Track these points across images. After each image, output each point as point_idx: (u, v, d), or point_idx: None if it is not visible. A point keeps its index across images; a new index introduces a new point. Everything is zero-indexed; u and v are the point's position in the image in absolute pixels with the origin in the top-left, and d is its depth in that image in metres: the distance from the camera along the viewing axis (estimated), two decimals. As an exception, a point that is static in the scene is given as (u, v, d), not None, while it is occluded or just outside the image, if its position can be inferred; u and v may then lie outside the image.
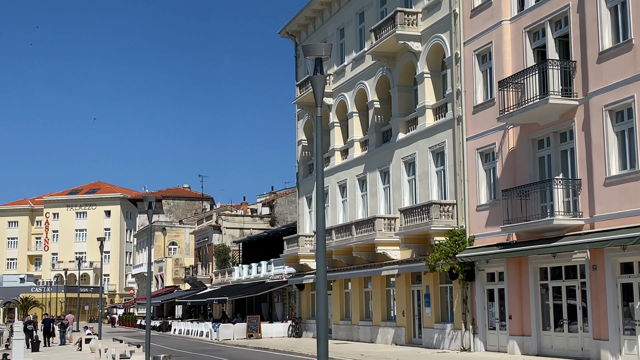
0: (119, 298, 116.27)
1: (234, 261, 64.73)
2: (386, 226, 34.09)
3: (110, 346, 27.10)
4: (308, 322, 44.74)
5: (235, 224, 68.03)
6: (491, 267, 28.28)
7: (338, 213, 41.29)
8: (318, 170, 11.34)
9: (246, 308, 56.58)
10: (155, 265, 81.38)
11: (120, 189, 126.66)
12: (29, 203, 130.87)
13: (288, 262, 45.92)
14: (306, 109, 44.86)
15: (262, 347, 36.76)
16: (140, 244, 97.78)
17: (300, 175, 46.73)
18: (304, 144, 46.38)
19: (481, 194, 28.96)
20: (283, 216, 67.76)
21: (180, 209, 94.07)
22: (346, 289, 40.51)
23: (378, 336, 35.89)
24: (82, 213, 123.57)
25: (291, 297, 49.09)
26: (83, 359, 30.28)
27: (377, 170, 37.08)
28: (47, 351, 36.35)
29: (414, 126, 34.33)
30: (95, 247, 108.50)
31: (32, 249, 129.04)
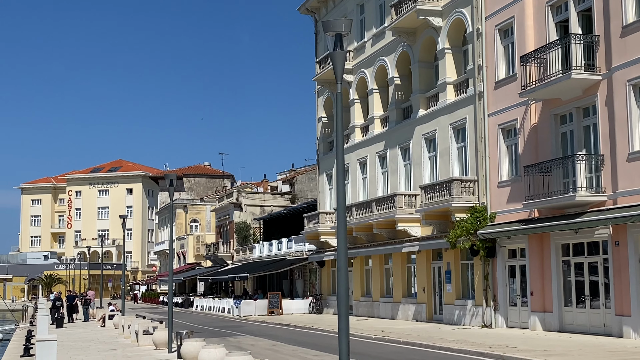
0: (142, 275, 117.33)
1: (255, 238, 65.00)
2: (407, 203, 34.03)
3: (133, 322, 27.36)
4: (329, 298, 44.91)
5: (256, 202, 68.22)
6: (513, 243, 28.17)
7: (358, 190, 41.26)
8: (338, 147, 11.29)
9: (267, 285, 56.87)
10: (177, 243, 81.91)
11: (141, 166, 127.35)
12: (52, 181, 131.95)
13: (308, 239, 46.04)
14: (326, 86, 44.71)
15: (283, 323, 36.98)
16: (161, 222, 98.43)
17: (321, 152, 46.66)
18: (324, 121, 46.27)
19: (503, 170, 28.78)
20: (303, 193, 67.83)
21: (201, 187, 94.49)
22: (367, 266, 40.57)
23: (399, 313, 35.96)
24: (104, 191, 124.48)
25: (312, 273, 49.27)
26: (106, 334, 30.63)
27: (397, 147, 36.93)
28: (71, 327, 36.81)
29: (434, 102, 34.11)
30: (117, 224, 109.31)
31: (56, 226, 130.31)
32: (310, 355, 21.72)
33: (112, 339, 28.27)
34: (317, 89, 46.92)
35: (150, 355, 21.22)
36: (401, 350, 22.24)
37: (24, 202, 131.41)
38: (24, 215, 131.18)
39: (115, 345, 25.00)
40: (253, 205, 67.81)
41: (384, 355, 20.71)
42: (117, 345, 25.25)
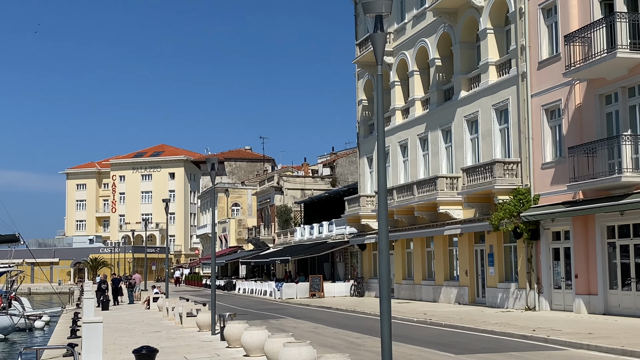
0: (185, 258, 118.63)
1: (296, 222, 65.22)
2: (448, 185, 33.80)
3: (177, 305, 27.68)
4: (370, 281, 44.92)
5: (297, 185, 68.38)
6: (557, 225, 27.82)
7: (399, 173, 41.09)
8: (379, 130, 11.22)
9: (308, 268, 57.08)
10: (219, 226, 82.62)
11: (183, 151, 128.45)
12: (96, 166, 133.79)
13: (349, 222, 46.05)
14: (366, 68, 44.50)
15: (325, 306, 37.10)
16: (203, 205, 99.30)
17: (361, 135, 46.54)
18: (364, 103, 46.10)
19: (546, 152, 28.39)
20: (344, 177, 67.79)
21: (242, 171, 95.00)
22: (408, 249, 40.45)
23: (441, 295, 35.82)
24: (147, 175, 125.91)
25: (353, 256, 49.31)
26: (151, 317, 31.06)
27: (438, 129, 36.65)
28: (117, 310, 37.41)
29: (476, 83, 33.73)
30: (160, 208, 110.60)
31: (100, 210, 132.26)
32: (352, 337, 21.78)
33: (156, 321, 28.66)
34: (357, 72, 46.74)
35: (194, 337, 21.47)
36: (443, 333, 22.17)
37: (69, 187, 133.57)
38: (69, 199, 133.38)
39: (160, 327, 25.34)
40: (294, 188, 67.98)
41: (426, 338, 20.67)
42: (162, 327, 25.60)
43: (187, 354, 17.38)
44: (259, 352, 15.76)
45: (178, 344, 19.70)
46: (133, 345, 17.18)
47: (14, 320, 37.41)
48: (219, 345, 18.89)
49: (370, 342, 20.27)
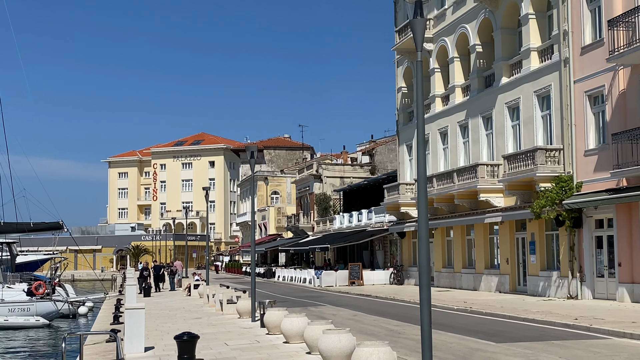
0: (225, 246, 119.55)
1: (335, 209, 65.24)
2: (489, 173, 33.48)
3: (217, 292, 27.91)
4: (410, 269, 44.79)
5: (336, 173, 68.35)
6: (600, 213, 27.40)
7: (439, 160, 40.82)
8: (419, 117, 11.13)
9: (348, 256, 57.11)
10: (259, 214, 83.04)
11: (223, 139, 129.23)
12: (138, 155, 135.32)
13: (389, 210, 45.92)
14: (405, 55, 44.21)
15: (364, 293, 37.10)
16: (243, 194, 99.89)
17: (400, 123, 46.31)
18: (403, 91, 45.83)
19: (589, 139, 27.94)
20: (383, 164, 67.59)
21: (282, 159, 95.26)
22: (448, 237, 40.22)
23: (481, 284, 35.57)
24: (187, 164, 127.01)
25: (392, 244, 49.20)
26: (192, 303, 31.37)
27: (479, 116, 36.30)
28: (158, 296, 37.85)
29: (518, 70, 33.30)
30: (200, 196, 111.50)
31: (142, 198, 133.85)
32: (391, 325, 21.74)
33: (197, 307, 28.94)
34: (397, 59, 46.46)
35: (234, 323, 21.62)
36: (484, 322, 22.01)
37: (111, 175, 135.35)
38: (112, 188, 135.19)
39: (201, 314, 25.58)
40: (333, 176, 67.97)
41: (467, 326, 20.54)
42: (202, 313, 25.83)
43: (227, 340, 17.52)
44: (299, 338, 15.82)
45: (219, 330, 19.86)
46: (174, 331, 17.37)
47: (57, 306, 38.09)
48: (259, 331, 19.01)
49: (409, 329, 20.22)
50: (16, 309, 36.71)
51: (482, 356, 14.95)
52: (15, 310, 36.62)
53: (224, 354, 15.13)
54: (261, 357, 14.48)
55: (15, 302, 36.99)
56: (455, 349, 16.02)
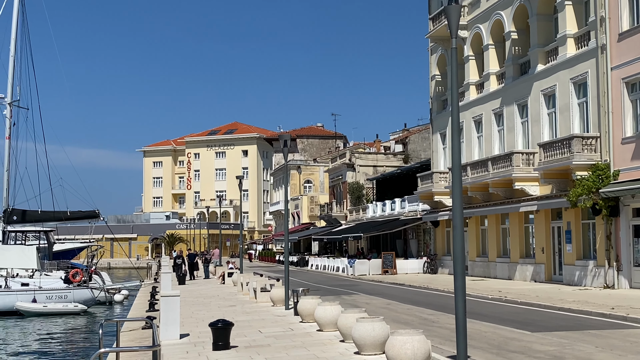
0: (258, 234, 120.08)
1: (368, 198, 65.14)
2: (524, 161, 33.15)
3: (251, 280, 28.03)
4: (443, 258, 44.59)
5: (369, 162, 68.19)
6: (637, 202, 26.98)
7: (473, 149, 40.50)
8: (453, 105, 11.03)
9: (381, 244, 57.02)
10: (291, 203, 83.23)
11: (256, 129, 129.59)
12: (172, 144, 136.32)
13: (422, 199, 45.72)
14: (439, 43, 43.88)
15: (398, 282, 37.02)
16: (276, 182, 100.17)
17: (434, 111, 46.01)
18: (437, 79, 45.51)
19: (627, 126, 27.49)
20: (416, 153, 67.28)
21: (314, 148, 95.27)
22: (482, 226, 39.93)
23: (516, 273, 35.29)
24: (221, 153, 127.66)
25: (426, 233, 49.00)
26: (226, 291, 31.57)
27: (514, 103, 35.92)
28: (193, 284, 38.16)
29: (554, 57, 32.85)
30: (234, 185, 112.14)
31: (176, 187, 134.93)
32: (425, 314, 21.68)
33: (231, 295, 29.11)
34: (430, 47, 46.13)
35: (268, 311, 21.72)
36: (519, 311, 21.84)
37: (146, 164, 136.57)
38: (147, 177, 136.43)
39: (235, 302, 25.73)
40: (366, 165, 67.82)
41: (501, 315, 20.40)
42: (237, 301, 25.99)
43: (261, 327, 17.61)
44: (332, 327, 15.84)
45: (253, 318, 19.97)
46: (209, 319, 17.50)
47: (94, 294, 38.61)
48: (292, 319, 19.07)
49: (444, 318, 20.14)
50: (54, 296, 37.30)
51: (517, 345, 14.84)
52: (53, 297, 37.22)
53: (258, 341, 15.21)
54: (295, 345, 14.53)
55: (53, 290, 37.58)
56: (489, 338, 15.92)
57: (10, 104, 42.80)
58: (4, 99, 43.02)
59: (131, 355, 14.97)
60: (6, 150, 42.33)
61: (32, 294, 36.86)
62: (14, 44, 43.12)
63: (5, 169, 42.13)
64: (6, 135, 42.63)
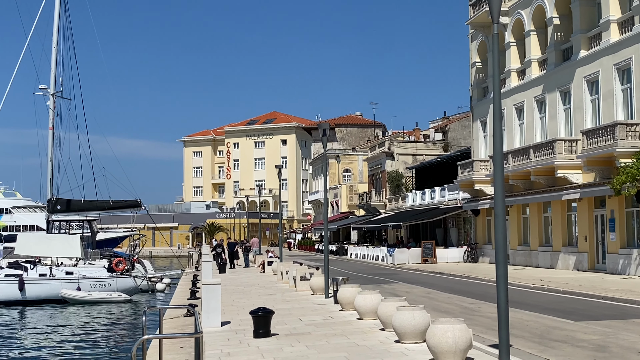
0: (297, 223, 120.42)
1: (407, 187, 64.87)
2: (567, 149, 32.69)
3: (291, 269, 28.13)
4: (484, 247, 44.25)
5: (408, 150, 67.87)
6: (684, 190, 26.44)
7: (515, 136, 40.05)
8: (495, 92, 10.89)
9: (420, 233, 56.78)
10: (330, 192, 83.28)
11: (295, 118, 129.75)
12: (212, 134, 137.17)
13: (462, 188, 45.38)
14: (480, 29, 43.42)
15: (438, 271, 36.85)
16: (315, 172, 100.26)
17: (474, 98, 45.57)
18: (477, 66, 45.05)
19: (673, 112, 26.92)
20: (456, 141, 66.76)
21: (353, 137, 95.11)
22: (524, 214, 39.52)
23: (558, 262, 34.88)
24: (260, 142, 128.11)
25: (466, 222, 48.65)
26: (266, 280, 31.74)
27: (556, 90, 35.41)
28: (233, 273, 38.43)
29: (597, 42, 32.28)
30: (273, 174, 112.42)
31: (216, 177, 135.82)
32: (465, 303, 21.55)
33: (271, 284, 29.26)
34: (471, 33, 45.66)
35: (307, 300, 21.78)
36: (561, 300, 21.59)
37: (186, 154, 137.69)
38: (187, 166, 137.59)
39: (275, 290, 25.85)
40: (405, 154, 67.51)
41: (544, 304, 20.19)
42: (276, 290, 26.11)
43: (301, 316, 17.66)
44: (372, 315, 15.82)
45: (293, 306, 20.04)
46: (249, 307, 17.61)
47: (137, 282, 39.11)
48: (332, 308, 19.09)
49: (485, 307, 20.00)
50: (97, 284, 37.89)
51: (560, 334, 14.67)
52: (97, 286, 37.81)
53: (298, 329, 15.26)
54: (335, 333, 14.55)
55: (97, 278, 38.16)
56: (531, 327, 15.77)
57: (53, 95, 43.42)
58: (47, 90, 43.64)
59: (174, 342, 15.14)
60: (50, 141, 42.97)
61: (77, 283, 37.48)
62: (56, 35, 43.69)
63: (49, 159, 42.78)
64: (50, 126, 43.28)
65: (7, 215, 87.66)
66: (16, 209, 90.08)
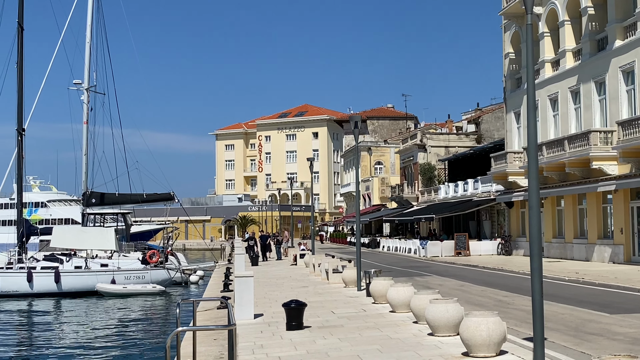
0: (329, 216, 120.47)
1: (440, 179, 64.54)
2: (602, 140, 32.24)
3: (323, 261, 28.16)
4: (518, 240, 43.87)
5: (440, 142, 67.48)
6: None
7: (549, 128, 39.61)
8: (529, 83, 10.75)
9: (453, 226, 56.47)
10: (362, 185, 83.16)
11: (326, 111, 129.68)
12: (243, 127, 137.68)
13: (496, 180, 45.02)
14: (513, 19, 42.97)
15: (471, 264, 36.62)
16: (346, 164, 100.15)
17: (508, 90, 45.14)
18: (511, 57, 44.60)
19: None
20: (489, 133, 66.22)
21: (385, 129, 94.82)
22: (558, 206, 39.10)
23: (594, 254, 34.47)
24: (291, 135, 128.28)
25: (499, 214, 48.27)
26: (298, 272, 31.81)
27: (591, 81, 34.93)
28: (265, 265, 38.58)
29: (632, 32, 31.76)
30: (305, 167, 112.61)
31: (248, 170, 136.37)
32: (499, 295, 21.38)
33: (303, 276, 29.32)
34: (504, 24, 45.21)
35: (340, 292, 21.78)
36: (597, 293, 21.33)
37: (219, 147, 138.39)
38: (219, 160, 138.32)
39: (307, 283, 25.90)
40: (437, 146, 67.14)
41: (579, 297, 19.96)
42: (309, 282, 26.15)
43: (334, 308, 17.67)
44: (405, 308, 15.76)
45: (325, 299, 20.05)
46: (282, 299, 17.66)
47: (170, 275, 39.45)
48: (364, 300, 19.07)
49: (519, 300, 19.82)
50: (132, 276, 38.30)
51: (596, 327, 14.50)
52: (131, 278, 38.22)
53: (331, 322, 15.27)
54: (368, 326, 14.53)
55: (131, 270, 38.58)
56: (567, 320, 15.60)
57: (87, 89, 43.88)
58: (81, 85, 44.12)
59: (207, 334, 15.24)
60: (84, 135, 43.46)
61: (111, 275, 37.93)
62: (89, 30, 44.13)
63: (84, 153, 43.28)
64: (84, 120, 43.76)
65: (42, 209, 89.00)
66: (52, 203, 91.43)
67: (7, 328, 27.53)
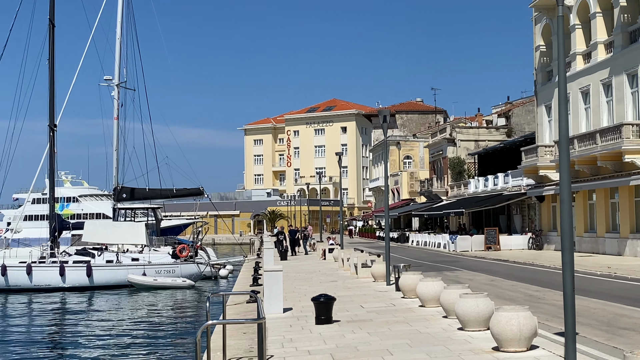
0: (357, 211, 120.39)
1: (469, 173, 64.13)
2: (635, 133, 31.83)
3: (352, 256, 28.13)
4: (549, 234, 43.48)
5: (470, 136, 67.04)
6: None
7: (580, 121, 39.17)
8: (560, 75, 10.63)
9: (483, 220, 56.09)
10: (391, 179, 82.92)
11: (355, 105, 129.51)
12: (272, 122, 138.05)
13: (526, 174, 44.65)
14: (544, 12, 42.52)
15: (501, 259, 36.38)
16: (375, 159, 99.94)
17: (539, 83, 44.70)
18: (541, 49, 44.15)
19: None
20: (520, 126, 65.64)
21: (414, 123, 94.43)
22: (590, 200, 38.68)
23: (626, 249, 34.05)
24: (320, 130, 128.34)
25: (530, 209, 47.86)
26: (327, 267, 31.83)
27: (624, 73, 34.46)
28: (294, 260, 38.66)
29: (666, 23, 31.29)
30: (333, 162, 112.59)
31: (276, 165, 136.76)
32: (530, 290, 21.20)
33: (332, 271, 29.32)
34: (535, 16, 44.75)
35: (369, 287, 21.75)
36: (629, 287, 21.06)
37: (247, 142, 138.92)
38: (248, 155, 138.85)
39: (336, 277, 25.90)
40: (467, 140, 66.72)
41: (610, 292, 19.73)
42: (338, 277, 26.15)
43: (363, 303, 17.65)
44: (435, 303, 15.70)
45: (354, 293, 20.04)
46: (311, 294, 17.68)
47: (200, 269, 39.70)
48: (394, 295, 19.02)
49: (550, 295, 19.65)
50: (162, 270, 38.62)
51: (628, 322, 14.32)
52: (162, 272, 38.54)
53: (360, 316, 15.26)
54: (397, 320, 14.49)
55: (162, 264, 38.90)
56: (598, 315, 15.43)
57: (117, 85, 44.23)
58: (111, 81, 44.48)
59: (237, 327, 15.31)
60: (115, 131, 43.84)
61: (142, 269, 38.28)
62: (120, 27, 44.45)
63: (115, 148, 43.66)
64: (115, 116, 44.13)
65: (74, 204, 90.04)
66: (83, 198, 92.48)
67: (41, 321, 27.93)
